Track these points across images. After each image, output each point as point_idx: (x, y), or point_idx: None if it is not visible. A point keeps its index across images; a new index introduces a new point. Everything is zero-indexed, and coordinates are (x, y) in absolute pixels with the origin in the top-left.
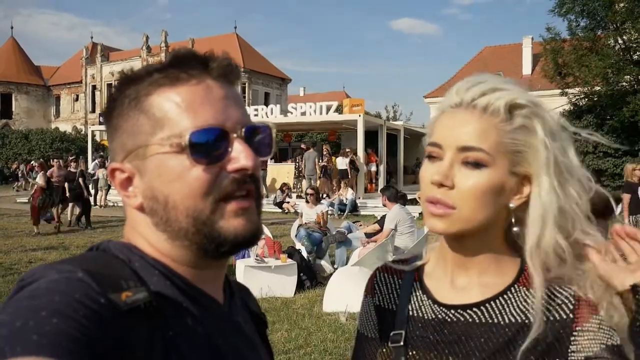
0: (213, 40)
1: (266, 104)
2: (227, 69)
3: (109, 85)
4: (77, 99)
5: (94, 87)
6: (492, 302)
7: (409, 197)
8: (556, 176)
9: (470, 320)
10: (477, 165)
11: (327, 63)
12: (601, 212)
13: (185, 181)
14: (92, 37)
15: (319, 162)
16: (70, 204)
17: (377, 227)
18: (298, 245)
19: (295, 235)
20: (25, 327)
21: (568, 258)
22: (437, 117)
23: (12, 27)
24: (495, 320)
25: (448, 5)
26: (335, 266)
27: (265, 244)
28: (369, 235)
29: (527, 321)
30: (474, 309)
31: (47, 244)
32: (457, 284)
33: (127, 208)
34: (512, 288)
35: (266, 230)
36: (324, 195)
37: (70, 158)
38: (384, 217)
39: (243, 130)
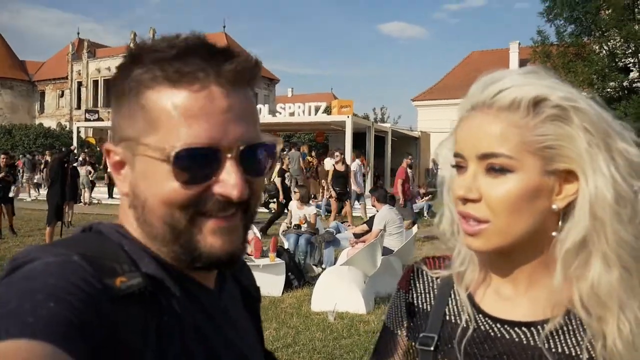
0: None
1: None
2: (244, 75)
3: (95, 82)
4: (62, 95)
5: (79, 84)
6: (545, 324)
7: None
8: (604, 160)
9: (517, 339)
10: (502, 171)
11: (316, 65)
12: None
13: (164, 190)
14: (78, 33)
15: (304, 161)
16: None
17: (365, 227)
18: (286, 245)
19: (284, 235)
20: (21, 309)
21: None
22: (457, 123)
23: None
24: (546, 346)
25: (436, 10)
26: (324, 266)
27: (254, 246)
28: (357, 236)
29: (581, 356)
30: (524, 328)
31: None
32: (503, 293)
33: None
34: (572, 312)
35: (255, 231)
36: (312, 196)
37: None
38: (372, 217)
39: (240, 149)
